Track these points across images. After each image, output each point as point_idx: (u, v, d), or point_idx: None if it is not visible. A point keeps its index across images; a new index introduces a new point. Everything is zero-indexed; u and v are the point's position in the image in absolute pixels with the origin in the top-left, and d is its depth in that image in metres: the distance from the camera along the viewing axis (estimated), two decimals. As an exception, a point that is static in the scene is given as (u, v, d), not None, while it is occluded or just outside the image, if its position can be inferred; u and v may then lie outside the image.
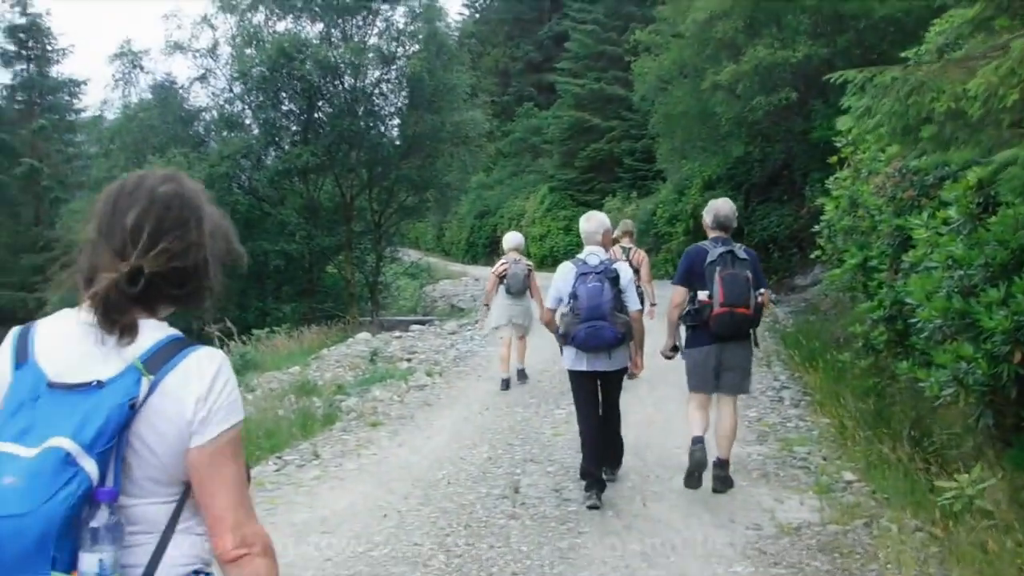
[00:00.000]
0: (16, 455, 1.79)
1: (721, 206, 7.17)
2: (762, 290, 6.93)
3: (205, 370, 2.00)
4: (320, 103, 27.29)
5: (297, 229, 25.66)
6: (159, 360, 1.96)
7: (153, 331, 2.00)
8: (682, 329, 7.18)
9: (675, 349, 7.26)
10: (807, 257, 22.23)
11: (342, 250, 28.17)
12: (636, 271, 10.66)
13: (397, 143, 28.04)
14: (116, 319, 1.94)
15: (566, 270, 7.04)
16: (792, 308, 20.03)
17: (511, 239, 11.78)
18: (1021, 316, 5.52)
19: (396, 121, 28.53)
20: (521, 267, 11.20)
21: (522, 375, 11.79)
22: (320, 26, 27.98)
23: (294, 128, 27.56)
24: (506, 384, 11.44)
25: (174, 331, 2.05)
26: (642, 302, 8.57)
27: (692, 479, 6.87)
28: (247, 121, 27.36)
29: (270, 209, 26.98)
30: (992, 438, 6.57)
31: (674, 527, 6.37)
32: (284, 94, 26.76)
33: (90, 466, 1.80)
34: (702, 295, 6.80)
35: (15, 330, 2.06)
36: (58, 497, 1.75)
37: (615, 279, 6.80)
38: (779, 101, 21.07)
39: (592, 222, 7.28)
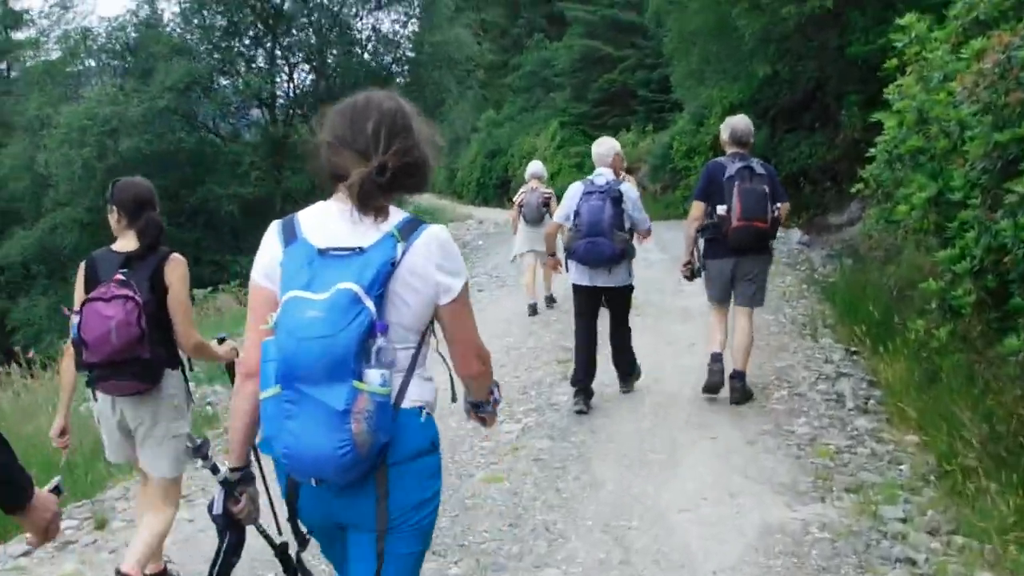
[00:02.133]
0: (311, 298, 2.40)
1: (737, 122, 7.44)
2: (779, 204, 7.19)
3: (440, 238, 2.61)
4: (283, 26, 23.96)
5: (253, 169, 22.47)
6: (407, 231, 2.56)
7: (396, 212, 2.61)
8: (700, 243, 7.41)
9: (689, 267, 7.43)
10: (843, 192, 19.76)
11: (316, 193, 24.76)
12: None
13: (372, 66, 24.67)
14: (370, 203, 2.53)
15: (574, 190, 7.43)
16: (828, 251, 17.08)
17: (530, 168, 12.19)
18: None
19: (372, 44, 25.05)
20: (536, 195, 11.52)
21: (550, 300, 11.99)
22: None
23: (260, 57, 24.28)
24: (533, 309, 11.66)
25: (408, 213, 2.67)
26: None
27: (710, 390, 7.38)
28: (202, 47, 24.05)
29: (223, 147, 23.81)
30: None
31: None
32: (242, 14, 23.45)
33: (371, 304, 2.40)
34: (720, 209, 7.06)
35: (277, 222, 2.71)
36: (352, 325, 2.36)
37: (617, 199, 7.17)
38: (811, 10, 17.69)
39: (603, 146, 7.67)
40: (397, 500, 2.53)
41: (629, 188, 7.39)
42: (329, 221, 2.58)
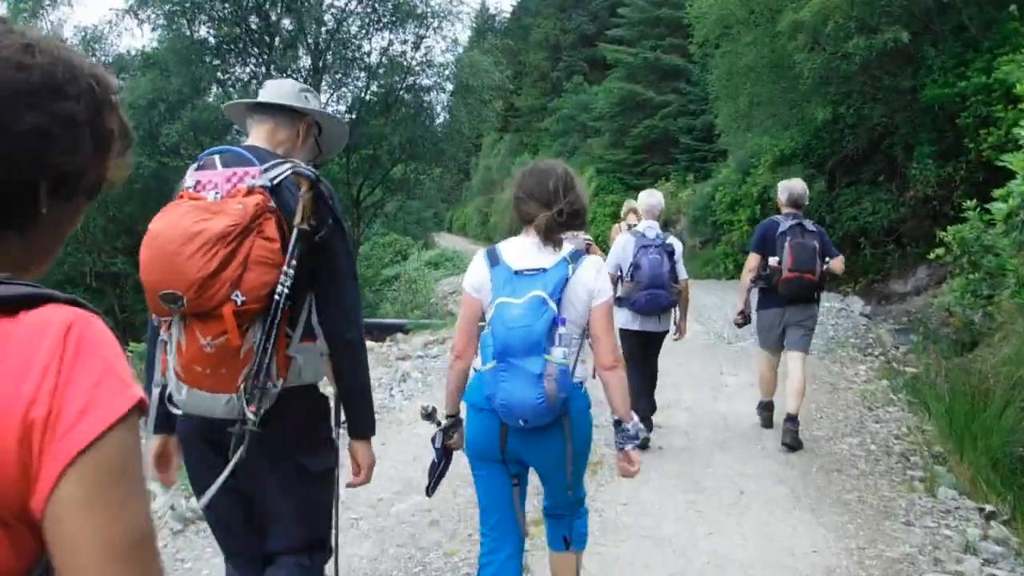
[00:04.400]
0: (514, 302, 3.42)
1: (795, 185, 7.90)
2: (828, 259, 7.62)
3: (596, 264, 3.61)
4: (280, 46, 21.59)
5: (220, 202, 19.84)
6: (575, 258, 3.56)
7: (567, 245, 3.63)
8: (754, 293, 8.02)
9: (743, 316, 7.95)
10: (908, 256, 17.15)
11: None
12: None
13: (375, 92, 22.41)
14: (551, 237, 3.58)
15: (625, 241, 7.70)
16: (895, 324, 14.83)
17: None
18: None
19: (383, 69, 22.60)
20: (578, 242, 9.50)
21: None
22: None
23: (246, 76, 21.96)
24: None
25: (574, 246, 3.65)
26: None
27: (765, 424, 8.16)
28: (175, 60, 21.31)
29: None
30: None
31: None
32: (229, 29, 21.14)
33: (553, 305, 3.39)
34: (772, 261, 7.66)
35: (483, 250, 3.76)
36: (542, 318, 3.35)
37: (671, 253, 7.58)
38: (883, 44, 15.42)
39: (654, 197, 8.00)
40: (575, 443, 3.61)
41: (677, 242, 7.71)
42: (522, 250, 3.64)
